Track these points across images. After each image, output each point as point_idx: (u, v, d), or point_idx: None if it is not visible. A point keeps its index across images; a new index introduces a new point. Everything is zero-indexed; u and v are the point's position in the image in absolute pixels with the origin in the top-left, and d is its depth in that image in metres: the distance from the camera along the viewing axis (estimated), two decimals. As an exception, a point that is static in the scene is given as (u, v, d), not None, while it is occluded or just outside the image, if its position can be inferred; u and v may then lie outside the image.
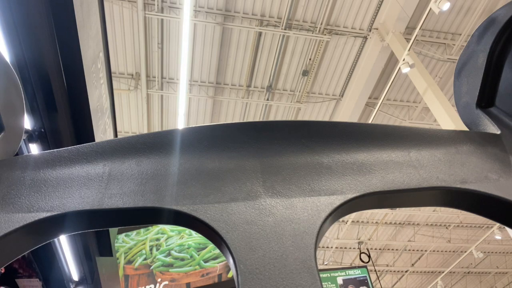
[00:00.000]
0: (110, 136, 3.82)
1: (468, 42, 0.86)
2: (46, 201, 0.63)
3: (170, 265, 4.67)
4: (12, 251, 0.60)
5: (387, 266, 18.14)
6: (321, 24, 9.69)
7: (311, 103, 11.47)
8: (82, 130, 2.88)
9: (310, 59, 10.44)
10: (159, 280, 4.59)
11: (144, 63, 9.92)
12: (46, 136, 2.60)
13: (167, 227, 4.96)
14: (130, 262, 4.87)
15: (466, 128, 0.87)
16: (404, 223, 16.10)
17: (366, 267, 9.87)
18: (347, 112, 11.19)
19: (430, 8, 7.91)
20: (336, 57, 10.52)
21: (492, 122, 0.80)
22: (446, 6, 7.57)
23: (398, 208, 14.11)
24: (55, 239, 3.19)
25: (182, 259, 4.66)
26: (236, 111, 11.52)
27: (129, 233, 5.10)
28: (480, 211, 0.69)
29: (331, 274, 9.63)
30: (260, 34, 9.81)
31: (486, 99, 0.84)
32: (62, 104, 2.59)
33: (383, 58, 10.13)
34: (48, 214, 0.61)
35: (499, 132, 0.77)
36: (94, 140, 2.86)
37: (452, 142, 0.75)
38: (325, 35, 9.83)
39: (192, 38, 9.56)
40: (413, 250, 17.62)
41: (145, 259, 4.83)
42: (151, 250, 4.89)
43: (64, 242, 3.35)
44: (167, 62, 10.21)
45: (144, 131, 11.64)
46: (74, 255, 3.51)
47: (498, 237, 14.27)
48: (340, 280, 9.52)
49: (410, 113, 11.94)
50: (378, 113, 10.36)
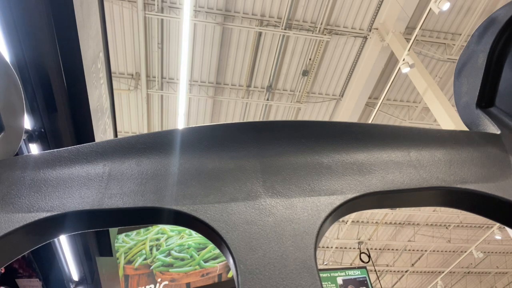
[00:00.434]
0: (110, 136, 3.82)
1: (468, 42, 0.86)
2: (46, 201, 0.63)
3: (170, 265, 4.67)
4: (12, 251, 0.60)
5: (387, 266, 18.14)
6: (321, 24, 9.69)
7: (311, 103, 11.47)
8: (82, 130, 2.88)
9: (310, 59, 10.44)
10: (159, 280, 4.59)
11: (144, 63, 9.92)
12: (46, 136, 2.60)
13: (167, 227, 4.96)
14: (130, 262, 4.87)
15: (466, 128, 0.87)
16: (404, 223, 16.10)
17: (365, 267, 9.87)
18: (347, 112, 11.19)
19: (430, 8, 7.91)
20: (336, 57, 10.52)
21: (492, 122, 0.80)
22: (446, 6, 7.58)
23: (398, 208, 14.11)
24: (55, 239, 3.19)
25: (182, 259, 4.66)
26: (236, 111, 11.52)
27: (129, 233, 5.10)
28: (480, 211, 0.69)
29: (331, 274, 9.63)
30: (260, 34, 9.81)
31: (486, 99, 0.84)
32: (62, 104, 2.59)
33: (383, 58, 10.13)
34: (48, 214, 0.61)
35: (499, 132, 0.77)
36: (94, 140, 2.86)
37: (452, 142, 0.75)
38: (325, 35, 9.83)
39: (192, 38, 9.56)
40: (413, 250, 17.62)
41: (145, 259, 4.83)
42: (151, 250, 4.89)
43: (64, 242, 3.35)
44: (167, 62, 10.21)
45: (144, 131, 11.64)
46: (74, 255, 3.51)
47: (498, 237, 14.27)
48: (340, 280, 9.52)
49: (410, 113, 11.94)
50: (378, 113, 10.36)
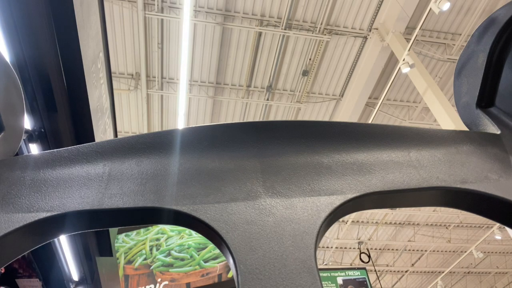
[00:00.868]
0: (110, 136, 3.82)
1: (468, 42, 0.86)
2: (46, 201, 0.63)
3: (170, 265, 4.67)
4: (12, 251, 0.60)
5: (387, 266, 18.14)
6: (321, 24, 9.69)
7: (311, 103, 11.47)
8: (82, 130, 2.88)
9: (310, 59, 10.44)
10: (159, 280, 4.59)
11: (144, 63, 9.92)
12: (46, 136, 2.60)
13: (167, 227, 4.96)
14: (130, 262, 4.87)
15: (466, 128, 0.87)
16: (404, 223, 16.10)
17: (365, 268, 9.89)
18: (347, 112, 11.19)
19: (430, 8, 7.91)
20: (336, 57, 10.52)
21: (492, 122, 0.80)
22: (446, 6, 7.58)
23: (398, 208, 14.11)
24: (55, 239, 3.19)
25: (182, 259, 4.66)
26: (236, 111, 11.52)
27: (129, 233, 5.10)
28: (480, 211, 0.69)
29: (331, 274, 9.64)
30: (260, 34, 9.81)
31: (486, 99, 0.84)
32: (62, 104, 2.59)
33: (383, 58, 10.13)
34: (48, 214, 0.61)
35: (499, 132, 0.77)
36: (94, 140, 2.86)
37: (452, 142, 0.75)
38: (325, 35, 9.83)
39: (192, 38, 9.56)
40: (413, 250, 17.62)
41: (145, 259, 4.83)
42: (151, 250, 4.89)
43: (64, 242, 3.35)
44: (167, 62, 10.21)
45: (144, 131, 11.64)
46: (74, 255, 3.51)
47: (498, 237, 14.27)
48: (340, 280, 9.53)
49: (410, 113, 11.94)
50: (378, 113, 10.36)
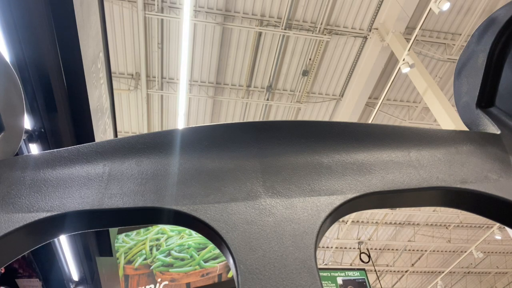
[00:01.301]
0: (110, 136, 3.82)
1: (468, 42, 0.86)
2: (46, 201, 0.63)
3: (170, 265, 4.67)
4: (12, 251, 0.60)
5: (387, 266, 18.14)
6: (321, 24, 9.69)
7: (311, 103, 11.47)
8: (82, 130, 2.88)
9: (310, 59, 10.44)
10: (159, 280, 4.59)
11: (144, 63, 9.92)
12: (46, 136, 2.60)
13: (167, 227, 4.96)
14: (130, 262, 4.87)
15: (466, 128, 0.87)
16: (404, 223, 16.10)
17: (364, 269, 9.91)
18: (347, 112, 11.19)
19: (430, 8, 7.91)
20: (336, 57, 10.52)
21: (492, 122, 0.80)
22: (446, 6, 7.57)
23: (398, 208, 14.11)
24: (55, 239, 3.19)
25: (182, 259, 4.66)
26: (236, 111, 11.52)
27: (129, 233, 5.10)
28: (480, 211, 0.69)
29: (331, 274, 9.65)
30: (260, 34, 9.81)
31: (486, 99, 0.84)
32: (62, 104, 2.59)
33: (383, 58, 10.13)
34: (48, 214, 0.61)
35: (499, 132, 0.77)
36: (94, 140, 2.86)
37: (452, 142, 0.75)
38: (325, 35, 9.83)
39: (192, 38, 9.56)
40: (413, 250, 17.62)
41: (145, 259, 4.83)
42: (151, 250, 4.89)
43: (64, 242, 3.35)
44: (167, 62, 10.21)
45: (144, 131, 11.64)
46: (74, 255, 3.51)
47: (498, 237, 14.27)
48: (340, 280, 9.53)
49: (410, 113, 11.94)
50: (378, 113, 10.36)
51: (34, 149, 2.61)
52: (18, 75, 0.78)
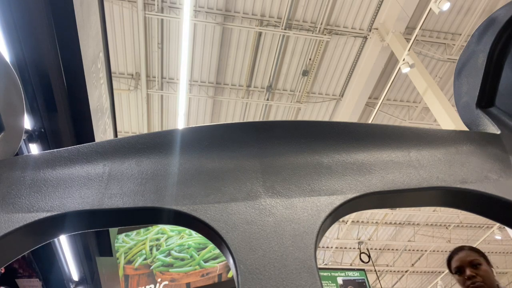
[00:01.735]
0: (110, 136, 3.82)
1: (468, 42, 0.86)
2: (46, 201, 0.63)
3: (170, 265, 4.67)
4: (12, 251, 0.60)
5: (387, 266, 18.13)
6: (321, 24, 9.69)
7: (311, 103, 11.47)
8: (82, 130, 2.87)
9: (310, 59, 10.44)
10: (159, 280, 4.59)
11: (144, 63, 9.92)
12: (46, 136, 2.60)
13: (167, 227, 4.96)
14: (130, 262, 4.87)
15: (466, 128, 0.87)
16: (404, 223, 16.09)
17: (364, 270, 9.92)
18: (347, 112, 11.19)
19: (430, 8, 7.91)
20: (336, 57, 10.52)
21: (492, 122, 0.80)
22: (446, 6, 7.57)
23: (398, 208, 14.10)
24: (55, 239, 3.19)
25: (182, 259, 4.66)
26: (236, 111, 11.51)
27: (129, 233, 5.10)
28: (480, 211, 0.69)
29: (332, 274, 9.65)
30: (260, 34, 9.80)
31: (486, 99, 0.84)
32: (62, 104, 2.59)
33: (383, 58, 10.13)
34: (48, 214, 0.61)
35: (499, 132, 0.77)
36: (94, 140, 2.86)
37: (452, 142, 0.75)
38: (325, 35, 9.83)
39: (192, 38, 9.56)
40: (413, 250, 17.62)
41: (145, 259, 4.83)
42: (151, 250, 4.89)
43: (64, 242, 3.35)
44: (167, 62, 10.21)
45: (144, 131, 11.64)
46: (74, 255, 3.51)
47: (498, 237, 14.26)
48: (340, 280, 9.54)
49: (410, 113, 11.94)
50: (378, 113, 10.36)
51: (34, 149, 2.61)
52: (18, 75, 0.78)
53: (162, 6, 9.14)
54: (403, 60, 8.59)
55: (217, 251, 4.52)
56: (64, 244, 3.36)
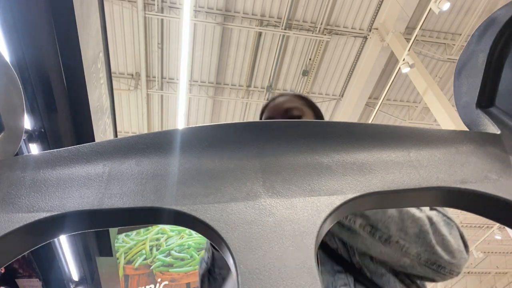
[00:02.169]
0: (110, 136, 3.82)
1: (468, 42, 0.86)
2: (46, 201, 0.63)
3: (170, 265, 4.67)
4: (12, 251, 0.60)
5: (387, 266, 18.12)
6: (321, 24, 9.69)
7: (311, 103, 11.46)
8: (82, 130, 2.88)
9: (310, 59, 10.44)
10: (159, 280, 4.59)
11: (144, 63, 9.92)
12: (46, 136, 2.60)
13: (167, 227, 4.96)
14: (130, 262, 4.87)
15: (466, 128, 0.87)
16: (404, 223, 16.08)
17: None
18: (347, 112, 11.19)
19: (430, 8, 7.91)
20: (336, 57, 10.52)
21: (492, 122, 0.79)
22: (446, 6, 7.58)
23: (398, 208, 14.06)
24: (55, 239, 3.19)
25: (182, 259, 4.66)
26: (236, 111, 11.52)
27: (129, 233, 5.11)
28: (480, 211, 0.69)
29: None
30: (260, 34, 9.80)
31: (486, 99, 0.84)
32: (62, 104, 2.59)
33: (383, 58, 10.13)
34: (48, 214, 0.61)
35: (499, 132, 0.77)
36: (94, 140, 2.86)
37: (452, 142, 0.75)
38: (325, 35, 9.83)
39: (192, 38, 9.56)
40: (413, 250, 17.60)
41: (145, 259, 4.84)
42: (151, 250, 4.89)
43: (64, 242, 3.35)
44: (167, 62, 10.21)
45: (144, 131, 11.64)
46: (74, 255, 3.51)
47: (498, 237, 14.27)
48: (340, 280, 9.53)
49: (410, 113, 11.94)
50: (378, 113, 10.37)
51: (34, 149, 2.61)
52: (18, 75, 0.78)
53: (162, 6, 9.14)
54: (403, 60, 8.59)
55: (217, 251, 4.52)
56: (64, 244, 3.37)
